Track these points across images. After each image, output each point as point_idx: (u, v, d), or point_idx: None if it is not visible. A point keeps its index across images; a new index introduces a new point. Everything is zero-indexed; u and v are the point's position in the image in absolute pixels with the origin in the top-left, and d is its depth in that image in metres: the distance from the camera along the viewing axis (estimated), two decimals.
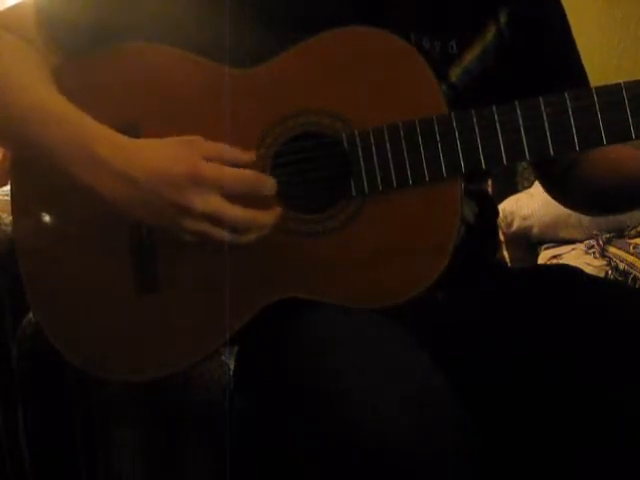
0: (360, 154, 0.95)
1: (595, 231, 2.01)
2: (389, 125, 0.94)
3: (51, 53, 1.00)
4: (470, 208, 1.05)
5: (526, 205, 2.12)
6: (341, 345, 0.84)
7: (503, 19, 1.05)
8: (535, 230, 2.12)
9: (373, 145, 0.95)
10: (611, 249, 1.93)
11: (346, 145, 0.95)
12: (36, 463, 1.19)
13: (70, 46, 1.00)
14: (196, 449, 1.14)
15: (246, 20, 0.98)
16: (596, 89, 0.93)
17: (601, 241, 1.95)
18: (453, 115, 0.94)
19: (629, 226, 2.03)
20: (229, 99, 0.96)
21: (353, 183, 0.95)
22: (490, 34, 1.04)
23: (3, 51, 1.00)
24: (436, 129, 0.94)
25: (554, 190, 1.19)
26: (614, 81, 0.93)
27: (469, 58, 1.03)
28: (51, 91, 0.96)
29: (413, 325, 0.92)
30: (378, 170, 0.95)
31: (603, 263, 1.88)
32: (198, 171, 0.89)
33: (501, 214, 2.00)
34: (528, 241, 2.15)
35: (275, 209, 0.93)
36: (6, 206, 1.05)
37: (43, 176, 0.97)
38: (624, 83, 0.93)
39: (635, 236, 1.98)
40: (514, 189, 2.18)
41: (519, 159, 0.95)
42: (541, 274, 1.08)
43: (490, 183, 1.78)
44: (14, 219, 1.03)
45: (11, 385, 1.18)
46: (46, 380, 1.17)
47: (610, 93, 0.93)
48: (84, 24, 0.99)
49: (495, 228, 1.21)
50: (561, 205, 1.21)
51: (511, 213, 2.13)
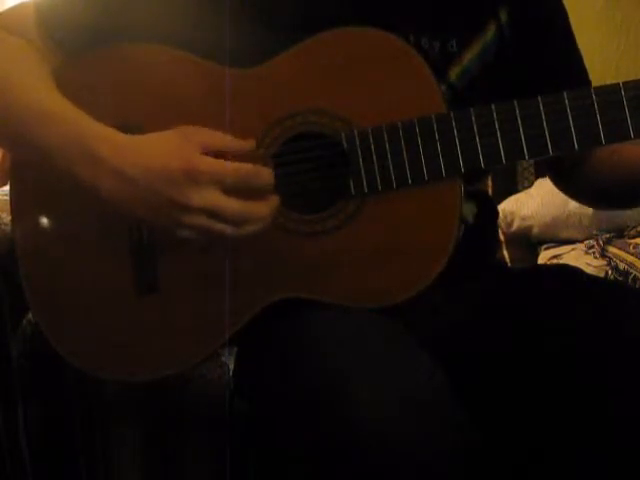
0: (359, 154, 0.95)
1: (595, 231, 2.01)
2: (388, 125, 0.94)
3: (51, 53, 1.00)
4: (469, 208, 1.05)
5: (526, 205, 2.12)
6: (341, 345, 0.84)
7: (503, 17, 1.05)
8: (535, 230, 2.11)
9: (372, 145, 0.95)
10: (611, 249, 1.93)
11: (345, 145, 0.95)
12: (36, 463, 1.19)
13: (70, 46, 1.00)
14: (196, 449, 1.14)
15: (246, 20, 0.98)
16: (595, 89, 0.94)
17: (601, 241, 1.95)
18: (452, 114, 0.94)
19: (629, 226, 2.02)
20: (229, 99, 0.96)
21: (352, 183, 0.95)
22: (490, 33, 1.04)
23: (3, 51, 1.00)
24: (435, 128, 0.94)
25: (563, 184, 1.18)
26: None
27: (469, 57, 1.03)
28: (50, 91, 0.96)
29: (413, 325, 0.92)
30: (377, 170, 0.95)
31: (603, 263, 1.88)
32: (193, 166, 0.89)
33: (501, 214, 2.00)
34: (528, 241, 2.15)
35: (273, 199, 0.93)
36: (6, 206, 1.05)
37: (43, 176, 0.97)
38: (623, 83, 0.93)
39: (635, 236, 1.98)
40: (514, 189, 2.18)
41: (518, 158, 0.95)
42: (541, 274, 1.07)
43: (490, 183, 1.78)
44: (14, 219, 1.03)
45: (11, 385, 1.18)
46: (46, 380, 1.17)
47: (609, 93, 0.93)
48: (84, 24, 0.99)
49: (495, 228, 1.21)
50: (571, 199, 1.21)
51: (511, 213, 2.13)
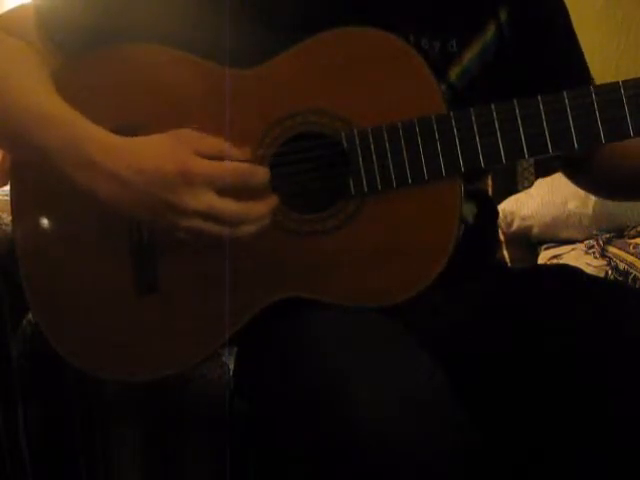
0: (359, 153, 0.95)
1: (595, 231, 2.00)
2: (388, 125, 0.94)
3: (51, 54, 1.00)
4: (469, 208, 1.05)
5: (526, 205, 2.11)
6: (341, 345, 0.84)
7: (503, 16, 1.05)
8: (535, 230, 2.11)
9: (372, 144, 0.95)
10: (611, 249, 1.92)
11: (345, 145, 0.95)
12: (36, 463, 1.19)
13: (70, 47, 1.00)
14: (196, 449, 1.14)
15: (246, 20, 0.98)
16: (594, 88, 0.94)
17: (601, 241, 1.95)
18: (452, 114, 0.94)
19: (629, 226, 2.02)
20: (229, 99, 0.96)
21: (352, 182, 0.95)
22: (490, 32, 1.04)
23: (3, 53, 1.00)
24: (435, 128, 0.94)
25: (575, 177, 1.16)
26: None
27: (469, 57, 1.02)
28: (49, 93, 0.96)
29: (413, 325, 0.92)
30: (377, 169, 0.95)
31: (603, 263, 1.87)
32: (188, 168, 0.88)
33: (501, 214, 2.00)
34: (528, 241, 2.14)
35: (270, 199, 0.93)
36: (6, 206, 1.05)
37: (43, 177, 0.97)
38: (622, 82, 0.93)
39: (635, 236, 1.98)
40: (514, 189, 2.17)
41: (518, 158, 0.95)
42: (541, 274, 1.07)
43: (490, 183, 1.78)
44: (14, 219, 1.03)
45: (11, 385, 1.18)
46: (46, 380, 1.17)
47: (608, 92, 0.93)
48: (84, 26, 0.99)
49: (495, 228, 1.21)
50: (585, 190, 1.19)
51: (511, 213, 2.13)
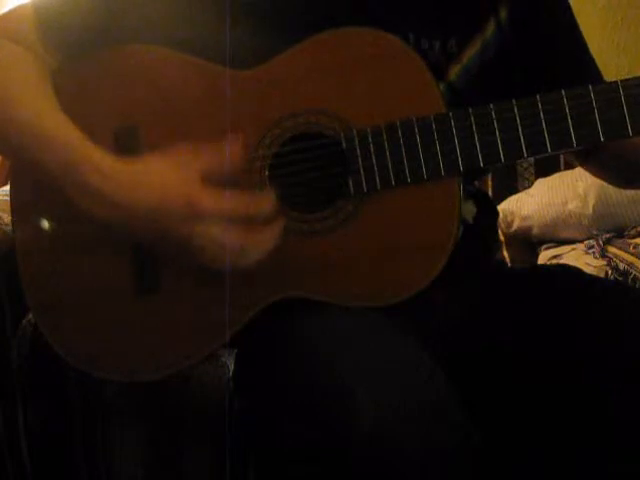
0: (359, 153, 0.95)
1: (595, 231, 2.00)
2: (387, 124, 0.94)
3: (50, 56, 1.00)
4: (469, 208, 1.05)
5: (526, 205, 2.11)
6: (341, 345, 0.84)
7: (503, 14, 1.04)
8: (535, 230, 2.11)
9: (371, 144, 0.95)
10: (611, 249, 1.92)
11: (345, 144, 0.95)
12: (36, 463, 1.19)
13: (69, 49, 1.00)
14: (196, 449, 1.14)
15: (245, 21, 0.98)
16: (593, 87, 0.94)
17: (601, 241, 1.94)
18: (451, 114, 0.94)
19: (629, 226, 2.02)
20: (229, 100, 0.96)
21: (352, 182, 0.95)
22: (490, 31, 1.04)
23: (3, 61, 0.99)
24: (434, 128, 0.94)
25: (587, 164, 1.15)
26: None
27: (468, 56, 1.02)
28: (50, 108, 0.95)
29: (413, 325, 0.92)
30: (377, 169, 0.95)
31: (603, 263, 1.87)
32: (195, 201, 0.88)
33: (501, 214, 2.00)
34: (528, 241, 2.14)
35: (276, 224, 0.92)
36: (6, 206, 1.05)
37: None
38: (621, 81, 0.93)
39: (635, 236, 1.97)
40: (514, 189, 2.17)
41: (517, 157, 0.95)
42: (541, 274, 1.07)
43: (490, 183, 1.78)
44: (13, 219, 1.03)
45: (11, 385, 1.18)
46: (46, 380, 1.17)
47: (607, 91, 0.93)
48: (83, 26, 0.99)
49: (494, 228, 1.21)
50: (599, 179, 1.18)
51: (511, 213, 2.12)
